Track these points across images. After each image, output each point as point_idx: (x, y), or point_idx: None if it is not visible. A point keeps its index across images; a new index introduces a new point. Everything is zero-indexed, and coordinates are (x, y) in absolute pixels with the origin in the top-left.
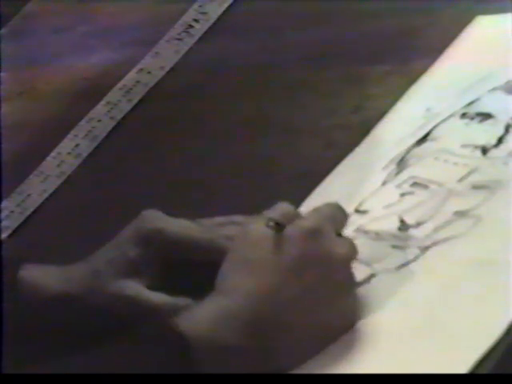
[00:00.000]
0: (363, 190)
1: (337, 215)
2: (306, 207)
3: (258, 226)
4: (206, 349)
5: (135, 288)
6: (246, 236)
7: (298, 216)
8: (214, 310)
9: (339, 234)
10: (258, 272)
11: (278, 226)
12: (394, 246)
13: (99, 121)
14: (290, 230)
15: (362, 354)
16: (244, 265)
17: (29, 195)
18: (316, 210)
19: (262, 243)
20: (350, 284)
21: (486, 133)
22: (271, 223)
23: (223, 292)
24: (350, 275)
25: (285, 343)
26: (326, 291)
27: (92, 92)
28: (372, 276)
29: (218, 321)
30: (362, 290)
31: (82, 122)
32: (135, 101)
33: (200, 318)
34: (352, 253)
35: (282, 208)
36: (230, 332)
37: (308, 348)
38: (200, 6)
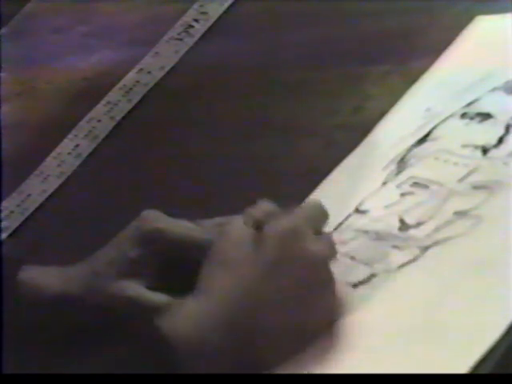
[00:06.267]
0: (363, 189)
1: (317, 214)
2: None
3: (237, 225)
4: (188, 348)
5: (135, 288)
6: (225, 235)
7: (278, 215)
8: (193, 310)
9: (319, 233)
10: (236, 271)
11: (257, 225)
12: (394, 246)
13: (99, 121)
14: (267, 229)
15: (362, 354)
16: (223, 264)
17: (29, 195)
18: (296, 209)
19: (241, 242)
20: (328, 283)
21: (486, 133)
22: (249, 221)
23: (203, 291)
24: (328, 274)
25: (264, 342)
26: (303, 290)
27: (92, 92)
28: (372, 276)
29: (197, 320)
30: (361, 290)
31: (82, 122)
32: (135, 101)
33: (180, 317)
34: (330, 252)
35: (262, 206)
36: (210, 331)
37: (288, 346)
38: (200, 6)
